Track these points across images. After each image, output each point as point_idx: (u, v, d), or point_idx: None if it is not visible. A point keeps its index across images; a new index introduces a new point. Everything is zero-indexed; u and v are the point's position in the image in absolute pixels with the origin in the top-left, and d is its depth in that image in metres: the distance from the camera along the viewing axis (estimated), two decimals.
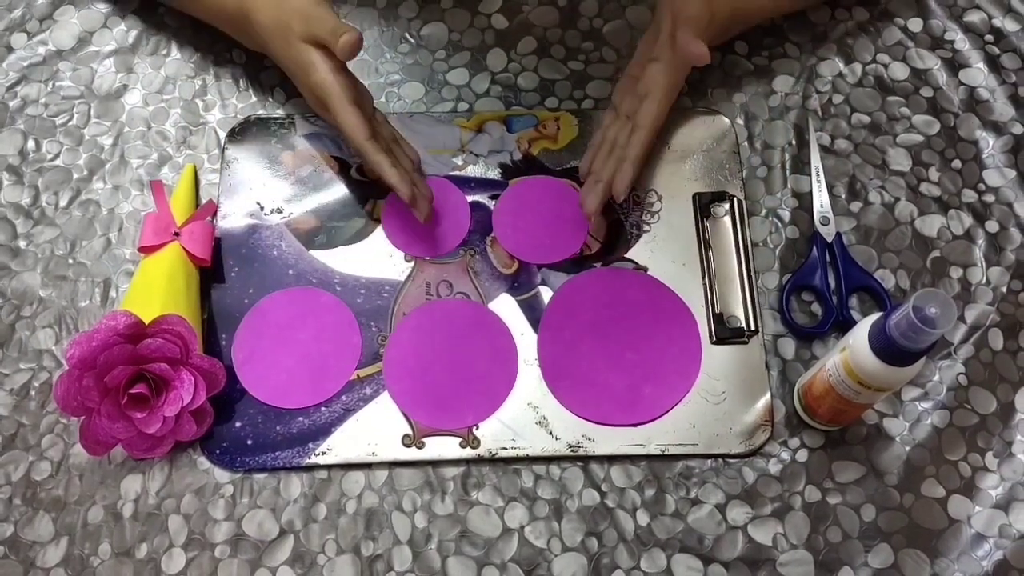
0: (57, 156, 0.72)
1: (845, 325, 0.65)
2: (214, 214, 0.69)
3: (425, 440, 0.62)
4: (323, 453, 0.62)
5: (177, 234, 0.65)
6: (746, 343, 0.65)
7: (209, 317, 0.66)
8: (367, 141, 0.62)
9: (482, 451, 0.62)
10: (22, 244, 0.69)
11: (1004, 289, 0.67)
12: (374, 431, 0.63)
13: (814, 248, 0.68)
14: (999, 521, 0.61)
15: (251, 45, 0.71)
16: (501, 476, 0.62)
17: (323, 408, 0.63)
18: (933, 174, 0.71)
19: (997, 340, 0.66)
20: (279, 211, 0.70)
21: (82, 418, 0.60)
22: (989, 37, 0.76)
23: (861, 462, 0.62)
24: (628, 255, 0.68)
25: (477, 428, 0.63)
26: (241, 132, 0.72)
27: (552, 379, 0.64)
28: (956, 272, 0.68)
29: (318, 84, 0.63)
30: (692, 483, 0.62)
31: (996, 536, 0.61)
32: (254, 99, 0.74)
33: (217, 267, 0.67)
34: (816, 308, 0.67)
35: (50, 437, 0.63)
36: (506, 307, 0.67)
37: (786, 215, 0.70)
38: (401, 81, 0.75)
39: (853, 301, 0.67)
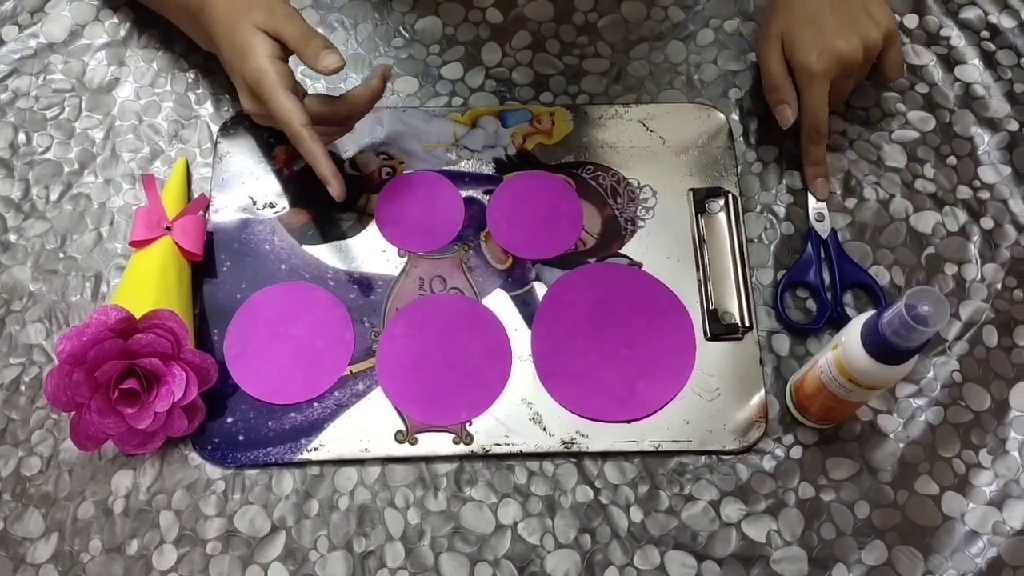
0: (48, 149, 0.71)
1: (840, 322, 0.64)
2: (206, 208, 0.68)
3: (418, 436, 0.62)
4: (315, 449, 0.62)
5: (169, 228, 0.65)
6: (740, 339, 0.65)
7: (201, 312, 0.66)
8: (303, 127, 0.61)
9: (475, 447, 0.62)
10: (12, 238, 0.68)
11: (999, 286, 0.67)
12: (367, 427, 0.62)
13: (809, 244, 0.67)
14: (993, 518, 0.61)
15: (197, 36, 0.69)
16: (494, 472, 0.62)
17: (315, 404, 0.63)
18: (928, 170, 0.71)
19: (991, 337, 0.66)
20: (272, 205, 0.69)
21: (72, 413, 0.59)
22: (985, 33, 0.76)
23: (855, 459, 0.62)
24: (622, 251, 0.68)
25: (470, 424, 0.62)
26: (234, 126, 0.72)
27: (546, 375, 0.64)
28: (951, 269, 0.68)
29: (254, 69, 0.61)
30: (686, 480, 0.62)
31: (990, 533, 0.60)
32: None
33: (209, 262, 0.67)
34: (811, 304, 0.67)
35: (40, 432, 0.62)
36: (500, 303, 0.66)
37: (781, 211, 0.70)
38: (395, 75, 0.74)
39: (848, 298, 0.67)
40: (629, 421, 0.63)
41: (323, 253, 0.68)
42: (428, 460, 0.62)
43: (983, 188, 0.70)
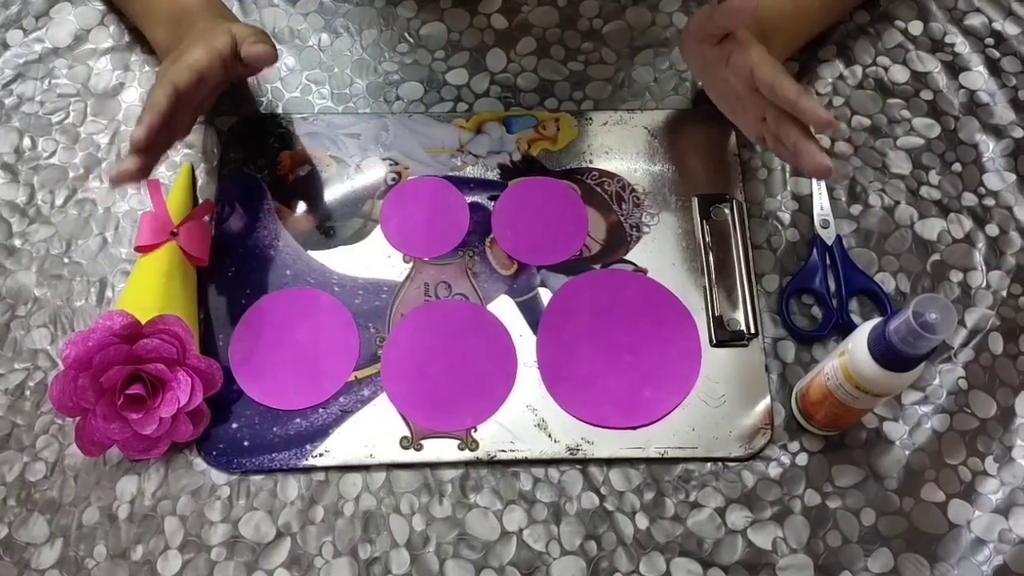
0: (53, 154, 0.71)
1: (845, 328, 0.64)
2: (211, 214, 0.68)
3: (423, 442, 0.62)
4: (321, 455, 0.62)
5: (174, 233, 0.65)
6: (746, 346, 0.65)
7: (206, 317, 0.65)
8: (170, 83, 0.60)
9: (480, 453, 0.62)
10: (17, 243, 0.68)
11: (1004, 293, 0.67)
12: (372, 433, 0.62)
13: (814, 251, 0.67)
14: (999, 526, 0.61)
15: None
16: (500, 479, 0.62)
17: (321, 409, 0.63)
18: (933, 177, 0.71)
19: (997, 344, 0.66)
20: (277, 211, 0.69)
21: (77, 419, 0.59)
22: (989, 40, 0.76)
23: (861, 466, 0.62)
24: (628, 257, 0.68)
25: (476, 430, 0.62)
26: (239, 131, 0.72)
27: (551, 381, 0.64)
28: (956, 276, 0.68)
29: (214, 30, 0.64)
30: (691, 486, 0.62)
31: (996, 541, 0.60)
32: (252, 99, 0.73)
33: (214, 267, 0.67)
34: (816, 311, 0.67)
35: (45, 438, 0.62)
36: (505, 308, 0.66)
37: (786, 217, 0.70)
38: (400, 81, 0.74)
39: (853, 304, 0.67)
40: (634, 428, 0.63)
41: (328, 258, 0.68)
42: (433, 466, 0.62)
43: (988, 195, 0.70)
